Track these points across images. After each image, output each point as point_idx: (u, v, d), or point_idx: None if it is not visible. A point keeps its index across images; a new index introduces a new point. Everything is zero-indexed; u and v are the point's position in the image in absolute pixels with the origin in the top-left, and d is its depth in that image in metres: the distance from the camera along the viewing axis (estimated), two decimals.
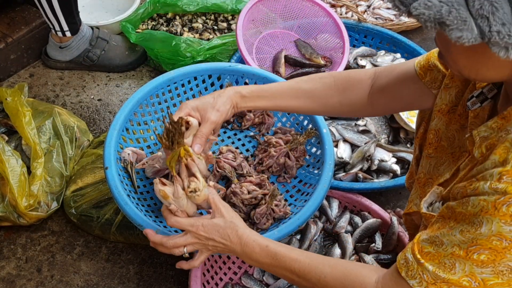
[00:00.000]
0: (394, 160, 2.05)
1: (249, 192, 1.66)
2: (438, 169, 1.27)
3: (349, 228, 1.85)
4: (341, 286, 1.14)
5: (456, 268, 0.95)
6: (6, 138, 1.98)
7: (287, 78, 2.23)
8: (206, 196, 1.37)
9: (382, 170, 2.04)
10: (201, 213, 1.51)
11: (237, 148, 1.86)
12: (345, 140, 2.10)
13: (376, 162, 2.02)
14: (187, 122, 1.37)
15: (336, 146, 2.07)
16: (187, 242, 1.30)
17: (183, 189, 1.34)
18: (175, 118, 1.31)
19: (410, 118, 2.12)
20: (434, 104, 1.30)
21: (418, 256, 1.01)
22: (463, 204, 0.95)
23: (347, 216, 1.86)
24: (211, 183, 1.43)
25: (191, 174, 1.35)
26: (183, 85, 1.89)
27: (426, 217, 1.18)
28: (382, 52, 2.44)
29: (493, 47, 0.80)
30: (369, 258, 1.73)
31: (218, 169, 1.74)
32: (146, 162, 1.69)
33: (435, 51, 1.30)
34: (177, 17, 2.67)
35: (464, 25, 0.79)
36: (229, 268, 1.77)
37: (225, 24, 2.65)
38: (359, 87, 1.42)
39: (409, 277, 1.02)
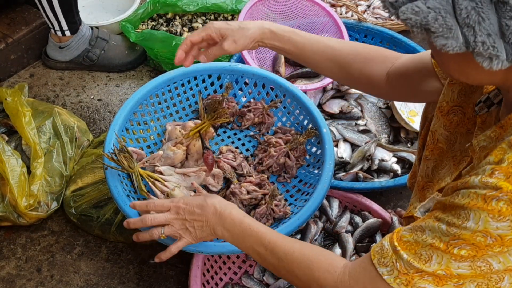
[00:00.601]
0: (395, 159, 2.05)
1: (248, 193, 1.66)
2: (438, 173, 1.25)
3: (349, 228, 1.84)
4: (308, 264, 1.12)
5: (433, 260, 0.93)
6: (6, 138, 1.98)
7: (287, 78, 2.23)
8: (182, 195, 1.55)
9: (382, 170, 2.04)
10: None
11: (237, 148, 1.86)
12: (345, 140, 2.10)
13: (377, 161, 2.02)
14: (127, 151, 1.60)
15: (336, 145, 2.07)
16: (166, 218, 1.32)
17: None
18: (198, 37, 1.41)
19: (410, 117, 2.12)
20: (438, 100, 1.27)
21: (396, 243, 0.98)
22: (451, 197, 0.93)
23: (347, 216, 1.86)
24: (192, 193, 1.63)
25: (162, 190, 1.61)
26: (183, 85, 1.90)
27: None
28: None
29: (477, 57, 0.80)
30: None
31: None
32: (146, 161, 1.69)
33: None
34: (177, 17, 2.67)
35: (450, 33, 0.79)
36: (229, 268, 1.77)
37: None
38: (384, 62, 1.41)
39: (380, 265, 0.99)
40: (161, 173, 1.66)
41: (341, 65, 1.43)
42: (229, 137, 1.93)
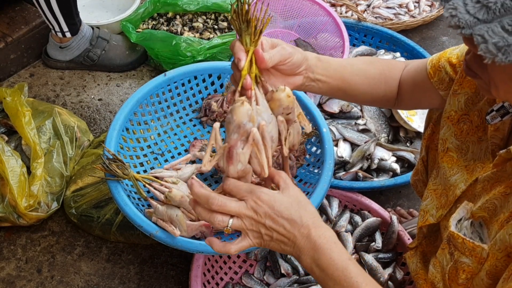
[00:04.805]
0: (394, 159, 2.05)
1: None
2: (449, 180, 1.23)
3: (349, 227, 1.85)
4: None
5: None
6: (6, 138, 1.98)
7: None
8: (181, 194, 1.51)
9: (382, 169, 2.04)
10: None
11: None
12: (345, 139, 2.10)
13: (376, 161, 2.02)
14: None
15: (336, 145, 2.07)
16: (238, 210, 0.97)
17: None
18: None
19: (409, 117, 2.12)
20: (444, 110, 1.26)
21: None
22: None
23: (347, 215, 1.86)
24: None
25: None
26: (183, 85, 1.90)
27: (453, 236, 1.09)
28: (382, 51, 2.44)
29: None
30: (369, 257, 1.73)
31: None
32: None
33: (448, 51, 1.27)
34: (178, 17, 2.67)
35: None
36: (230, 268, 1.77)
37: (225, 24, 2.64)
38: (395, 76, 1.36)
39: None
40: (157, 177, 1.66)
41: (371, 86, 1.34)
42: None
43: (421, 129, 2.09)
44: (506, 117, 1.06)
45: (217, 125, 0.94)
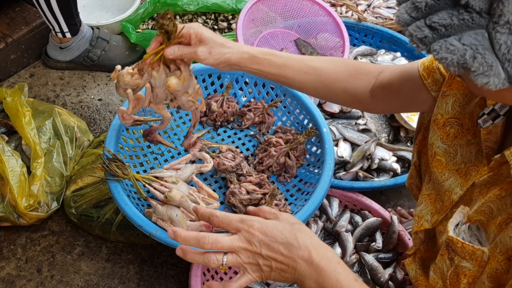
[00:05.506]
0: (394, 159, 2.05)
1: (248, 192, 1.66)
2: (443, 185, 1.22)
3: (349, 227, 1.84)
4: None
5: None
6: (6, 138, 1.98)
7: None
8: (180, 194, 1.52)
9: (382, 169, 2.04)
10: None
11: (237, 147, 1.86)
12: (345, 139, 2.10)
13: (376, 161, 2.02)
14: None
15: (336, 145, 2.07)
16: (232, 245, 0.97)
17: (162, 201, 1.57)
18: (177, 29, 1.24)
19: (410, 117, 2.12)
20: (433, 113, 1.26)
21: None
22: None
23: (347, 215, 1.86)
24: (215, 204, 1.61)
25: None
26: None
27: (452, 241, 1.08)
28: (382, 51, 2.44)
29: None
30: (369, 257, 1.73)
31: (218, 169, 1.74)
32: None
33: None
34: (178, 17, 2.67)
35: (491, 70, 0.73)
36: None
37: (225, 24, 2.65)
38: (366, 78, 1.39)
39: None
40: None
41: (325, 84, 1.40)
42: (229, 136, 1.93)
43: None
44: (498, 120, 1.05)
45: (118, 67, 1.39)
